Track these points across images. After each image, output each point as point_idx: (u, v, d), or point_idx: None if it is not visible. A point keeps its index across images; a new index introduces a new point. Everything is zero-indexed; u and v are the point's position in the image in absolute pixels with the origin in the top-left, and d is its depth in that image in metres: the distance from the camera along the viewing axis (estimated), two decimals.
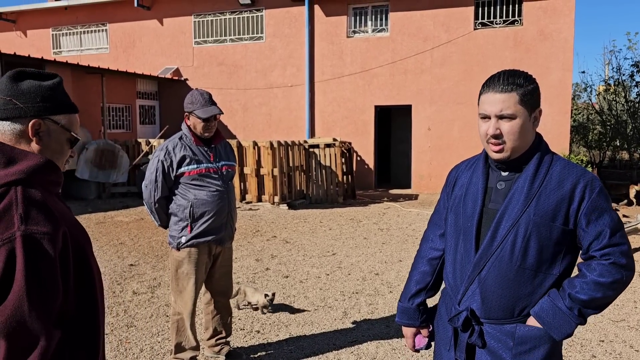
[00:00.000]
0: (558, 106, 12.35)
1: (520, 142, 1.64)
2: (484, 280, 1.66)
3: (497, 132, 1.63)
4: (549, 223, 1.60)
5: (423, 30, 13.27)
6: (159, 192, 3.24)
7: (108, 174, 11.65)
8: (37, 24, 17.00)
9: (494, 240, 1.65)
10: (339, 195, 11.50)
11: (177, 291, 3.33)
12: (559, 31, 12.28)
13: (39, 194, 1.24)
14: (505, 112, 1.61)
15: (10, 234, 1.14)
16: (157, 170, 3.22)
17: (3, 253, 1.12)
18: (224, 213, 3.33)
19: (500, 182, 1.71)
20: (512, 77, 1.63)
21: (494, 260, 1.65)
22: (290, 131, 14.47)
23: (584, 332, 4.13)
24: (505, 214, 1.64)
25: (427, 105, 13.36)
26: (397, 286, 5.30)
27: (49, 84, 1.35)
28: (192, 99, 3.27)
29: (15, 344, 1.12)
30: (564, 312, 1.60)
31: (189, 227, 3.23)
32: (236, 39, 14.97)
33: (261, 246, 7.16)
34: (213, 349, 3.57)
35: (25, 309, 1.12)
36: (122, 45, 16.07)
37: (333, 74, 14.07)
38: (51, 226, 1.20)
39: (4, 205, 1.18)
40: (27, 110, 1.30)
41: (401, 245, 7.21)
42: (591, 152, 16.72)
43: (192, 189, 3.24)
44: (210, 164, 3.30)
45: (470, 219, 1.71)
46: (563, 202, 1.61)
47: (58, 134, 1.36)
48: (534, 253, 1.62)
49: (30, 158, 1.27)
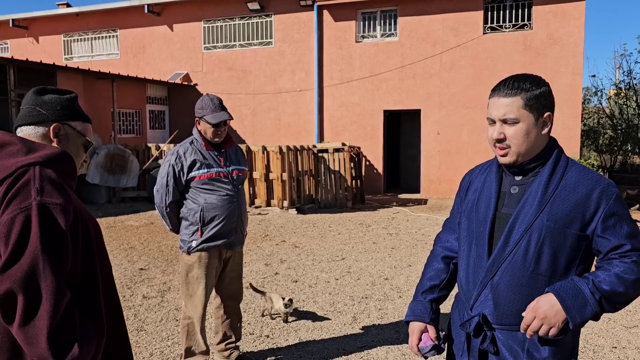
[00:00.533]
0: (568, 110, 12.27)
1: (526, 147, 1.63)
2: (496, 285, 1.64)
3: (500, 136, 1.63)
4: (563, 229, 1.58)
5: (432, 35, 13.26)
6: (170, 196, 3.26)
7: (118, 179, 11.73)
8: (48, 30, 17.20)
9: (507, 245, 1.63)
10: (347, 200, 11.49)
11: (187, 295, 3.34)
12: (569, 35, 12.22)
13: (54, 174, 1.40)
14: (509, 117, 1.61)
15: (27, 203, 1.30)
16: (168, 174, 3.24)
17: (21, 219, 1.28)
18: (234, 217, 3.34)
19: (514, 186, 1.69)
20: (518, 82, 1.63)
21: (506, 265, 1.63)
22: (299, 136, 14.49)
23: (596, 339, 4.08)
24: (518, 219, 1.62)
25: (436, 109, 13.33)
26: (407, 291, 5.28)
27: (67, 97, 1.58)
28: (203, 104, 3.29)
29: (30, 297, 1.24)
30: (586, 296, 1.54)
31: (199, 232, 3.25)
32: (245, 44, 15.05)
33: (270, 251, 7.17)
34: (223, 354, 3.57)
35: (40, 266, 1.26)
36: (133, 51, 16.21)
37: (342, 78, 14.09)
38: (63, 199, 1.36)
39: (23, 180, 1.34)
40: (49, 115, 1.51)
41: (410, 250, 7.18)
42: (602, 157, 16.58)
43: (202, 193, 3.26)
44: (221, 168, 3.32)
45: (483, 224, 1.70)
46: (578, 208, 1.58)
47: (75, 138, 1.57)
48: (548, 258, 1.59)
49: (48, 148, 1.45)
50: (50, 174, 1.38)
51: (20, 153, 1.41)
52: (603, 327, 4.32)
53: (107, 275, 1.54)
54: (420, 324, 1.82)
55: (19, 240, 1.26)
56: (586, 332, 4.16)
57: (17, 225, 1.27)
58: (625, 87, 16.09)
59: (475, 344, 1.68)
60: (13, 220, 1.27)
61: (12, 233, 1.26)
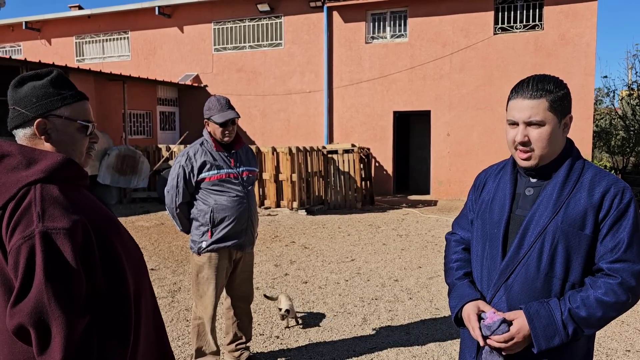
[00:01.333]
0: (580, 111, 12.17)
1: (549, 150, 1.60)
2: (510, 288, 1.62)
3: (525, 139, 1.60)
4: (577, 231, 1.56)
5: (442, 36, 13.21)
6: (180, 197, 3.28)
7: (129, 180, 11.80)
8: (61, 32, 17.37)
9: (521, 247, 1.61)
10: (357, 201, 11.48)
11: (197, 296, 3.35)
12: (581, 35, 12.12)
13: (57, 191, 1.31)
14: (534, 119, 1.58)
15: (29, 231, 1.24)
16: (178, 175, 3.26)
17: (25, 249, 1.23)
18: (244, 218, 3.35)
19: (529, 188, 1.67)
20: (542, 83, 1.59)
21: (520, 268, 1.61)
22: (309, 137, 14.50)
23: (609, 342, 4.04)
24: (532, 221, 1.60)
25: (446, 110, 13.28)
26: (417, 292, 5.26)
27: (42, 82, 1.40)
28: (210, 105, 3.31)
29: (41, 331, 1.22)
30: (557, 326, 1.53)
31: (209, 232, 3.26)
32: (255, 46, 15.09)
33: (280, 252, 7.17)
34: (233, 354, 3.58)
35: (45, 300, 1.21)
36: (143, 53, 16.32)
37: (351, 79, 14.08)
38: (67, 221, 1.28)
39: (25, 205, 1.27)
40: (28, 113, 1.37)
41: (420, 252, 7.15)
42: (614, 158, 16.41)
43: (212, 194, 3.27)
44: (231, 169, 3.33)
45: (497, 226, 1.68)
46: (592, 210, 1.56)
47: (65, 127, 1.41)
48: (562, 261, 1.57)
49: (49, 157, 1.35)
50: (52, 192, 1.31)
51: (20, 166, 1.33)
52: (616, 330, 4.27)
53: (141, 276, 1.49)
54: (472, 305, 1.66)
55: (25, 273, 1.22)
56: (599, 335, 4.12)
57: (22, 256, 1.23)
58: (637, 88, 15.91)
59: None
60: (18, 251, 1.23)
61: (19, 265, 1.23)
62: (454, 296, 1.76)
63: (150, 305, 1.54)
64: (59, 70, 1.45)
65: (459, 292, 1.75)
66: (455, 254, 1.88)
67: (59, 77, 1.43)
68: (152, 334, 1.53)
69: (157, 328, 1.56)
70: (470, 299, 1.69)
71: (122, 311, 1.37)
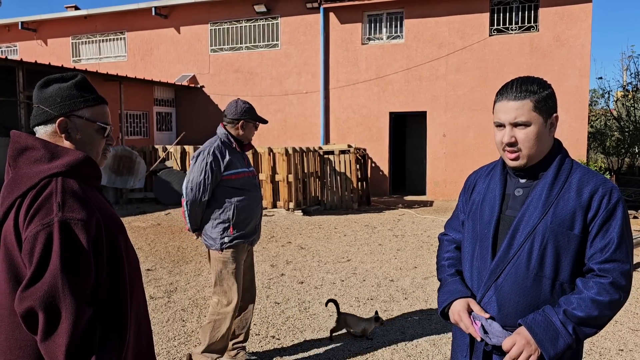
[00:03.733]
0: (575, 112, 12.24)
1: (537, 149, 1.63)
2: (500, 287, 1.64)
3: (512, 140, 1.63)
4: (566, 231, 1.58)
5: (438, 37, 13.26)
6: (206, 194, 3.35)
7: (125, 180, 11.80)
8: (57, 32, 17.34)
9: (511, 247, 1.63)
10: (353, 202, 11.50)
11: (222, 291, 3.40)
12: (576, 37, 12.19)
13: (77, 185, 1.39)
14: (520, 120, 1.61)
15: (49, 219, 1.30)
16: (206, 172, 3.32)
17: (43, 236, 1.29)
18: (259, 215, 3.55)
19: (518, 188, 1.70)
20: (526, 84, 1.63)
21: (510, 268, 1.63)
22: (305, 137, 14.53)
23: (602, 341, 4.08)
24: (522, 221, 1.63)
25: (442, 111, 13.33)
26: (412, 292, 5.30)
27: (67, 84, 1.49)
28: (247, 107, 3.45)
29: (50, 315, 1.26)
30: (557, 327, 1.55)
31: (231, 228, 3.36)
32: (252, 47, 15.10)
33: (276, 252, 7.20)
34: (229, 353, 3.61)
35: (59, 285, 1.26)
36: (140, 53, 16.31)
37: (348, 80, 14.11)
38: (85, 213, 1.35)
39: (45, 194, 1.34)
40: (52, 112, 1.46)
41: (416, 252, 7.18)
42: (609, 159, 16.49)
43: (234, 192, 3.38)
44: (246, 168, 3.49)
45: (488, 226, 1.70)
46: (580, 210, 1.59)
47: (85, 127, 1.50)
48: (551, 261, 1.59)
49: (70, 154, 1.43)
50: (72, 186, 1.38)
51: (44, 160, 1.39)
52: (609, 329, 4.31)
53: (135, 280, 1.54)
54: (463, 302, 1.69)
55: (41, 259, 1.27)
56: None
57: (39, 242, 1.28)
58: (632, 89, 16.01)
59: (480, 345, 1.69)
60: (36, 237, 1.28)
61: (35, 251, 1.28)
62: (444, 291, 1.79)
63: (142, 311, 1.58)
64: (82, 75, 1.54)
65: (449, 288, 1.78)
66: (448, 253, 1.92)
67: (83, 80, 1.52)
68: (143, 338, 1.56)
69: (147, 334, 1.59)
70: (460, 295, 1.72)
71: (121, 309, 1.41)
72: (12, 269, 1.34)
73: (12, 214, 1.35)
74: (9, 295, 1.34)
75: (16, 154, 1.42)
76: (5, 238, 1.35)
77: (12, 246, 1.33)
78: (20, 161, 1.41)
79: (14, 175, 1.39)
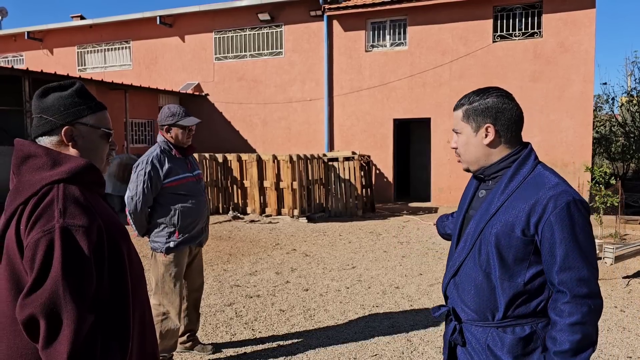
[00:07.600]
0: (579, 118, 12.21)
1: (469, 156, 1.74)
2: (457, 283, 1.76)
3: (454, 145, 1.79)
4: (509, 232, 1.61)
5: (441, 44, 13.29)
6: (147, 203, 3.46)
7: None
8: (63, 42, 17.49)
9: (465, 246, 1.73)
10: (358, 209, 11.49)
11: (164, 293, 3.54)
12: (580, 43, 12.18)
13: (78, 192, 1.39)
14: (454, 128, 1.78)
15: (50, 226, 1.30)
16: (144, 182, 3.42)
17: (44, 243, 1.28)
18: (204, 217, 3.66)
19: (482, 190, 1.79)
20: (468, 95, 1.74)
21: (465, 265, 1.73)
22: (310, 145, 14.55)
23: (610, 348, 4.05)
24: (474, 221, 1.71)
25: (446, 118, 13.32)
26: (418, 300, 5.27)
27: (68, 92, 1.49)
28: (172, 112, 3.52)
29: (52, 323, 1.25)
30: None
31: (176, 233, 3.49)
32: (256, 55, 15.18)
33: (281, 259, 7.19)
34: (184, 345, 3.82)
35: (61, 292, 1.26)
36: (145, 62, 16.41)
37: (352, 87, 14.15)
38: (86, 220, 1.34)
39: (47, 201, 1.34)
40: (56, 121, 1.46)
41: (421, 259, 7.16)
42: (614, 164, 16.43)
43: (177, 197, 3.50)
44: (189, 173, 3.59)
45: (455, 224, 1.85)
46: (525, 213, 1.59)
47: (90, 134, 1.51)
48: (497, 261, 1.64)
49: (73, 161, 1.43)
50: (74, 193, 1.38)
51: (46, 167, 1.40)
52: (617, 336, 4.28)
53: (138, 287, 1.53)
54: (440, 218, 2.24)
55: (42, 266, 1.26)
56: (601, 341, 4.13)
57: (40, 249, 1.27)
58: (637, 95, 15.97)
59: (447, 334, 1.79)
60: (37, 244, 1.28)
61: (36, 257, 1.27)
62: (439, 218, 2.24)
63: (147, 319, 1.57)
64: (81, 82, 1.55)
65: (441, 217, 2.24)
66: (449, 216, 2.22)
67: (82, 88, 1.53)
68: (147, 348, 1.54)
69: (152, 344, 1.58)
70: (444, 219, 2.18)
71: (123, 316, 1.40)
72: (14, 276, 1.33)
73: (14, 221, 1.35)
74: (10, 302, 1.33)
75: (19, 162, 1.42)
76: (7, 245, 1.35)
77: (13, 253, 1.33)
78: (23, 169, 1.41)
79: (17, 182, 1.40)
